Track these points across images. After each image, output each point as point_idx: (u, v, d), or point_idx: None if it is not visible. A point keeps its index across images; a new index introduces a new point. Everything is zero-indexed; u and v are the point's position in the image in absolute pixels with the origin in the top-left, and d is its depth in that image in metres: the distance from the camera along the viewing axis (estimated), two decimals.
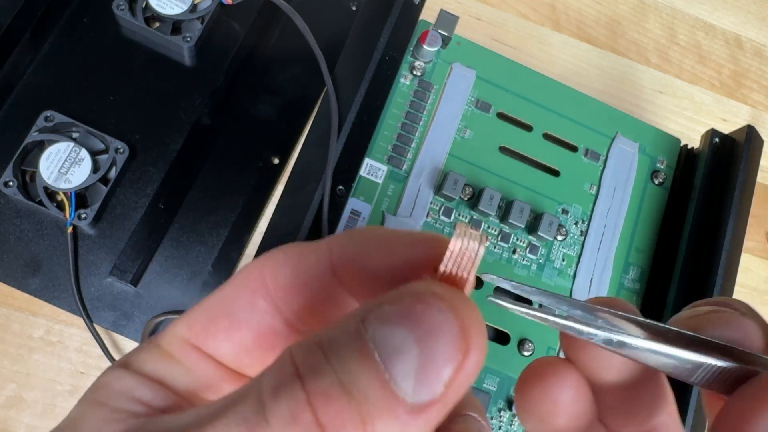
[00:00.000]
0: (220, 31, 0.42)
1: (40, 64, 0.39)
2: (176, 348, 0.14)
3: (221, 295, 0.14)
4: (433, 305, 0.11)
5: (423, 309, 0.11)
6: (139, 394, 0.13)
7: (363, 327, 0.11)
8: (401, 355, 0.10)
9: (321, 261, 0.14)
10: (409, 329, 0.11)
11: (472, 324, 0.11)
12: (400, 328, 0.11)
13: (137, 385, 0.13)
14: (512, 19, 0.48)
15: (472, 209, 0.37)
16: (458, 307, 0.11)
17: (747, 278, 0.47)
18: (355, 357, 0.10)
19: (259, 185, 0.40)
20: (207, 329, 0.14)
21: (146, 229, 0.37)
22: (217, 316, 0.14)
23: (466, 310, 0.11)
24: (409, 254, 0.13)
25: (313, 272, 0.14)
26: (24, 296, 0.36)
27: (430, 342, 0.10)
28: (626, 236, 0.39)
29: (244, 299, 0.14)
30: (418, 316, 0.11)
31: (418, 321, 0.11)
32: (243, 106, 0.41)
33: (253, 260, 0.15)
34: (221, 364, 0.14)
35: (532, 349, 0.36)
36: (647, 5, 0.51)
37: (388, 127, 0.37)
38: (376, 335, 0.11)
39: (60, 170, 0.36)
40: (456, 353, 0.11)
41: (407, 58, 0.38)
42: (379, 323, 0.11)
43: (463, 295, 0.12)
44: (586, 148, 0.39)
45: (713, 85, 0.50)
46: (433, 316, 0.11)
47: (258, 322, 0.14)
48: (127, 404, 0.13)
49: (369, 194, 0.36)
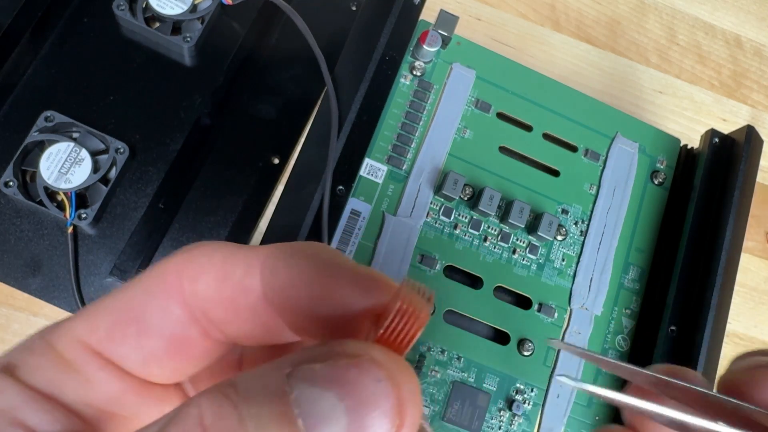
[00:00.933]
0: (220, 31, 0.42)
1: (40, 64, 0.39)
2: (74, 353, 0.12)
3: (130, 296, 0.13)
4: (369, 372, 0.10)
5: (358, 375, 0.10)
6: (24, 416, 0.11)
7: (288, 385, 0.10)
8: (328, 424, 0.09)
9: (249, 276, 0.12)
10: (340, 396, 0.09)
11: (409, 398, 0.10)
12: (330, 392, 0.09)
13: (23, 403, 0.11)
14: (512, 19, 0.48)
15: (472, 209, 0.37)
16: (396, 377, 0.10)
17: (747, 278, 0.47)
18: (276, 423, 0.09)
19: (259, 185, 0.40)
20: (112, 334, 0.12)
21: (146, 229, 0.37)
22: (124, 320, 0.12)
23: (404, 381, 0.10)
24: (350, 296, 0.12)
25: (238, 287, 0.12)
26: (24, 296, 0.36)
27: (362, 413, 0.09)
28: (626, 236, 0.39)
29: (157, 304, 0.12)
30: (351, 382, 0.10)
31: (351, 388, 0.10)
32: (243, 106, 0.41)
33: (170, 259, 0.13)
34: (125, 374, 0.13)
35: (532, 349, 0.36)
36: (647, 5, 0.51)
37: (388, 127, 0.37)
38: (301, 398, 0.09)
39: (60, 170, 0.36)
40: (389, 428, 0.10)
41: (407, 58, 0.38)
42: (307, 384, 0.10)
43: (403, 364, 0.10)
44: (586, 148, 0.40)
45: (713, 85, 0.50)
46: (368, 385, 0.10)
47: (171, 331, 0.13)
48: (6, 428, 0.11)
49: (369, 194, 0.36)
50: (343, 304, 0.12)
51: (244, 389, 0.10)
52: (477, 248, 0.37)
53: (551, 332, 0.37)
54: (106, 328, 0.12)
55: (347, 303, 0.12)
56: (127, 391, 0.13)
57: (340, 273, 0.12)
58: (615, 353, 0.37)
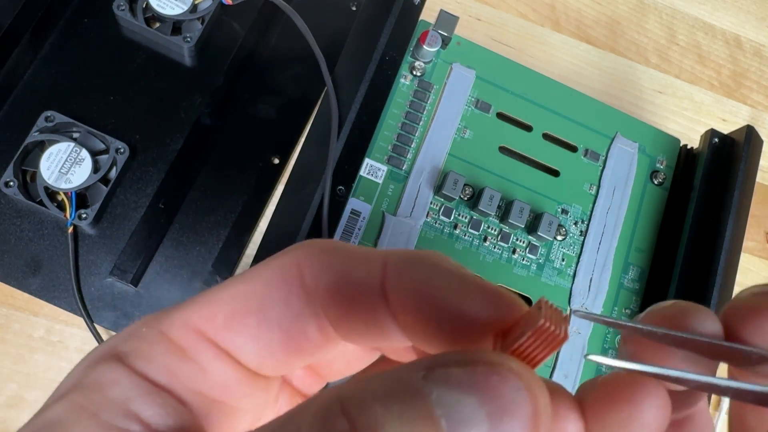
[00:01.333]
0: (220, 31, 0.42)
1: (40, 64, 0.39)
2: (189, 341, 0.12)
3: (249, 287, 0.13)
4: (509, 381, 0.10)
5: (498, 382, 0.10)
6: (138, 408, 0.11)
7: (425, 386, 0.09)
8: (470, 427, 0.09)
9: (371, 277, 0.12)
10: (482, 401, 0.09)
11: (544, 410, 0.10)
12: (471, 397, 0.09)
13: (137, 394, 0.11)
14: (512, 19, 0.48)
15: (472, 209, 0.37)
16: (534, 388, 0.10)
17: (747, 278, 0.47)
18: (418, 420, 0.09)
19: (259, 185, 0.40)
20: (230, 323, 0.12)
21: (146, 229, 0.37)
22: (244, 310, 0.12)
23: (540, 393, 0.10)
24: (477, 307, 0.12)
25: (359, 286, 0.12)
26: (24, 296, 0.37)
27: (503, 420, 0.09)
28: (626, 236, 0.39)
29: (278, 296, 0.12)
30: (492, 388, 0.10)
31: (492, 394, 0.10)
32: (243, 106, 0.42)
33: (290, 252, 0.13)
34: (238, 364, 0.13)
35: None
36: (647, 5, 0.51)
37: (388, 127, 0.37)
38: (442, 399, 0.09)
39: (60, 170, 0.36)
40: None
41: (407, 58, 0.38)
42: (446, 386, 0.10)
43: (537, 377, 0.10)
44: (585, 148, 0.40)
45: (713, 85, 0.51)
46: (508, 393, 0.10)
47: (290, 323, 0.13)
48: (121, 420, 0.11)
49: (369, 194, 0.36)
50: (468, 314, 0.12)
51: (384, 388, 0.10)
52: (477, 248, 0.37)
53: None
54: (225, 316, 0.12)
55: (473, 314, 0.12)
56: (239, 382, 0.13)
57: (466, 281, 0.12)
58: (615, 353, 0.37)
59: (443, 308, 0.12)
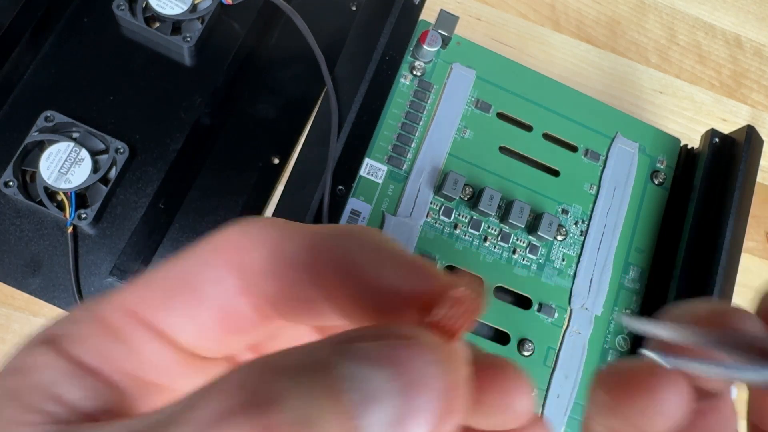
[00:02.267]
0: (220, 31, 0.42)
1: (40, 64, 0.39)
2: (122, 323, 0.12)
3: (183, 266, 0.12)
4: (423, 354, 0.09)
5: (411, 356, 0.09)
6: (63, 391, 0.11)
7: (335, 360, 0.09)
8: (377, 403, 0.09)
9: (302, 252, 0.12)
10: (391, 375, 0.09)
11: (459, 384, 0.10)
12: (381, 371, 0.09)
13: (64, 377, 0.11)
14: (512, 19, 0.48)
15: (472, 209, 0.37)
16: (448, 361, 0.10)
17: (747, 278, 0.47)
18: (322, 394, 0.09)
19: (259, 185, 0.40)
20: (166, 303, 0.12)
21: (146, 229, 0.37)
22: (179, 289, 0.12)
23: (456, 366, 0.10)
24: (399, 280, 0.11)
25: (291, 261, 0.12)
26: (24, 296, 0.36)
27: (412, 394, 0.09)
28: (626, 236, 0.39)
29: (212, 274, 0.12)
30: (404, 362, 0.09)
31: (403, 368, 0.09)
32: (243, 106, 0.41)
33: (225, 231, 0.13)
34: (174, 345, 0.12)
35: (532, 349, 0.36)
36: (647, 5, 0.51)
37: (388, 127, 0.37)
38: (350, 374, 0.09)
39: (60, 170, 0.36)
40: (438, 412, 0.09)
41: (407, 58, 0.38)
42: (355, 360, 0.09)
43: (455, 351, 0.10)
44: (586, 148, 0.40)
45: (713, 85, 0.50)
46: (420, 367, 0.09)
47: (224, 301, 0.12)
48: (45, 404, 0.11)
49: (369, 194, 0.36)
50: (390, 287, 0.11)
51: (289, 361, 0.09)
52: (477, 248, 0.37)
53: (551, 332, 0.37)
54: (159, 297, 0.12)
55: (395, 287, 0.11)
56: (175, 363, 0.12)
57: (390, 256, 0.12)
58: (615, 354, 0.37)
59: (365, 282, 0.12)
